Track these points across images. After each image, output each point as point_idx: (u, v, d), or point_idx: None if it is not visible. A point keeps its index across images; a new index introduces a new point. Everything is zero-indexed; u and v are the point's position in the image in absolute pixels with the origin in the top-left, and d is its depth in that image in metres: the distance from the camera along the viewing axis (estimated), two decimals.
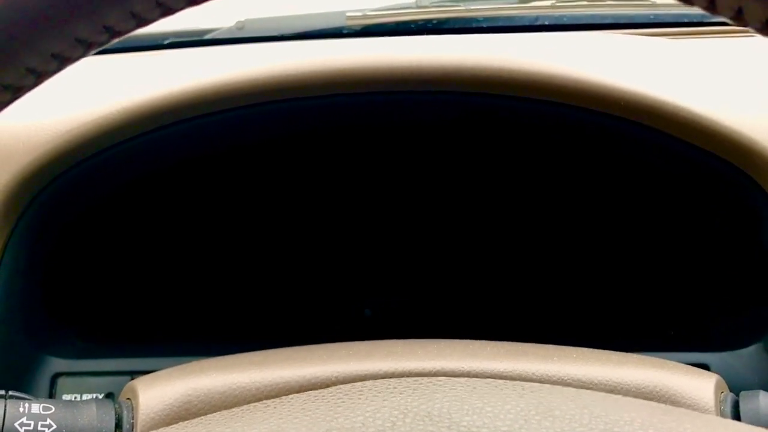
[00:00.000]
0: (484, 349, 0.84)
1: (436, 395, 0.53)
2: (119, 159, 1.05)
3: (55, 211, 1.07)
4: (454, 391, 0.54)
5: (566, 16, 1.49)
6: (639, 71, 1.03)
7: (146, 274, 1.30)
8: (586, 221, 1.31)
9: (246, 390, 0.77)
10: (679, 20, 1.44)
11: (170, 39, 1.54)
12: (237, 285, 1.30)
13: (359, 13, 1.41)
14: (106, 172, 1.11)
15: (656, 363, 0.83)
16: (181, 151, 1.14)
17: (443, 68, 0.97)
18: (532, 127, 1.25)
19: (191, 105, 0.97)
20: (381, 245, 1.31)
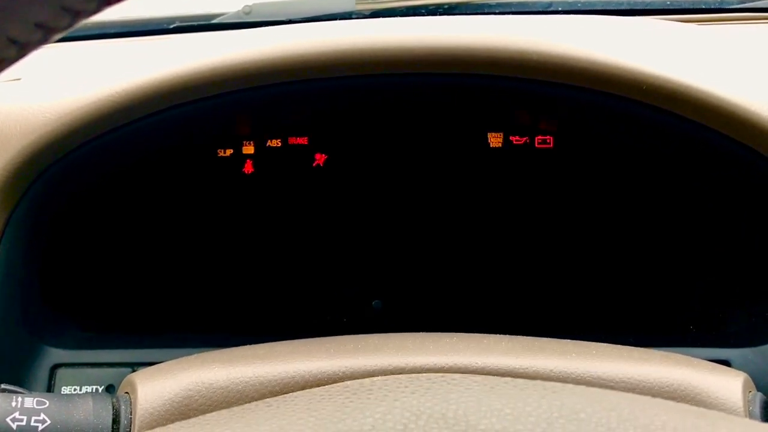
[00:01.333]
0: (499, 344, 0.80)
1: (452, 395, 0.50)
2: (119, 143, 1.02)
3: (52, 197, 1.04)
4: (470, 391, 0.50)
5: (580, 1, 1.45)
6: (656, 54, 0.98)
7: (147, 263, 1.26)
8: (604, 214, 1.26)
9: (249, 385, 0.74)
10: (695, 5, 1.40)
11: (176, 24, 1.50)
12: (242, 274, 1.27)
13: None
14: (105, 157, 1.07)
15: (680, 360, 0.79)
16: (180, 136, 1.10)
17: (458, 48, 0.93)
18: (548, 110, 1.21)
19: (190, 87, 0.93)
20: (389, 236, 1.27)
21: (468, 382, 0.53)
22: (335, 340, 0.84)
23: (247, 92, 1.02)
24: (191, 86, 0.97)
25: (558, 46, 0.93)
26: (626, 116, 1.08)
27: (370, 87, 1.13)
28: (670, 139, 1.08)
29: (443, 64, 0.97)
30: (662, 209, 1.25)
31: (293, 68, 1.00)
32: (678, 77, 0.93)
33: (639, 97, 0.96)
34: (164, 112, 1.01)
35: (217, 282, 1.27)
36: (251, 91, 1.03)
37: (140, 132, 1.04)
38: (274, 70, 1.00)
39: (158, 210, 1.27)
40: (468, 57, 0.94)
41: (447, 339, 0.83)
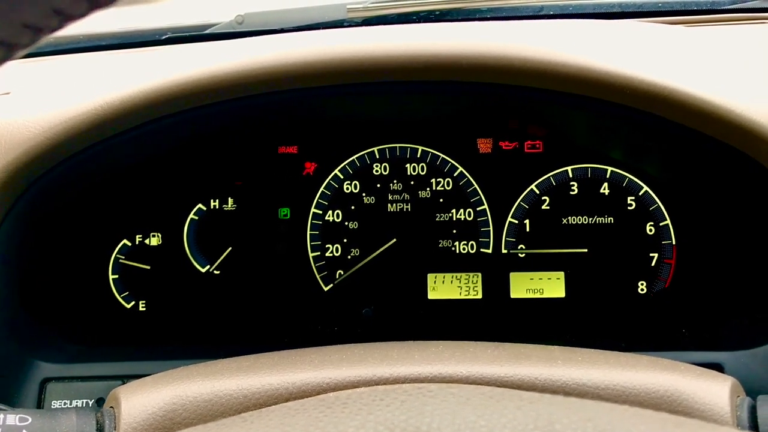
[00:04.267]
0: (485, 351, 0.80)
1: (427, 407, 0.49)
2: (105, 155, 1.02)
3: (39, 211, 1.04)
4: (446, 403, 0.50)
5: (571, 5, 1.44)
6: (640, 58, 0.98)
7: (136, 275, 1.26)
8: (596, 215, 1.26)
9: (233, 398, 0.74)
10: (688, 7, 1.39)
11: (168, 35, 1.50)
12: (233, 285, 1.26)
13: (360, 5, 1.37)
14: (93, 168, 1.07)
15: (668, 365, 0.79)
16: (169, 147, 1.10)
17: (441, 56, 0.92)
18: (537, 115, 1.20)
19: (179, 98, 0.93)
20: (380, 242, 1.26)
21: (444, 393, 0.53)
22: (321, 350, 0.84)
23: (235, 102, 1.02)
24: (180, 97, 0.96)
25: (541, 51, 0.93)
26: (614, 119, 1.08)
27: (358, 95, 1.12)
28: (660, 140, 1.08)
29: (426, 72, 0.97)
30: (654, 211, 1.25)
31: (284, 77, 0.99)
32: (658, 80, 0.92)
33: (623, 100, 0.96)
34: (155, 122, 1.00)
35: (207, 293, 1.27)
36: (240, 101, 1.03)
37: (127, 144, 1.04)
38: (265, 80, 0.99)
39: (146, 221, 1.27)
40: (452, 65, 0.94)
41: (434, 347, 0.82)
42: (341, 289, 1.27)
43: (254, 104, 1.05)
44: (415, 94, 1.12)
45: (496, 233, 1.27)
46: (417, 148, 1.28)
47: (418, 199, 1.28)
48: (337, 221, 1.28)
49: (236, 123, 1.17)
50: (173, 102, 0.93)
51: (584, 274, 1.26)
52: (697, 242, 1.24)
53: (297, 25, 1.39)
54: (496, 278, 1.27)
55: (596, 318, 1.25)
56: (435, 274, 1.27)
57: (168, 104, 0.94)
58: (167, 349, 1.20)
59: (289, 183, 1.27)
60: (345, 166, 1.28)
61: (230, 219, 1.27)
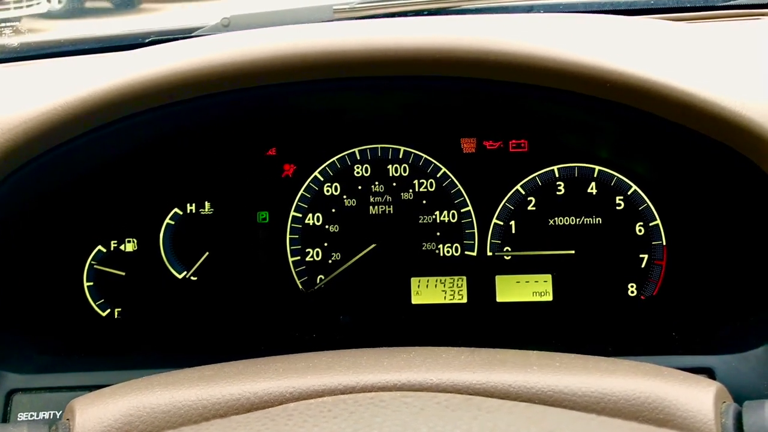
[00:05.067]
0: (458, 357, 0.76)
1: (377, 419, 0.46)
2: (71, 157, 0.98)
3: (7, 212, 1.01)
4: (398, 413, 0.46)
5: (562, 4, 1.41)
6: (624, 51, 0.95)
7: (104, 281, 1.23)
8: (582, 216, 1.22)
9: (192, 408, 0.70)
10: (680, 4, 1.36)
11: (152, 38, 1.47)
12: (207, 290, 1.22)
13: (347, 6, 1.34)
14: (61, 171, 1.04)
15: (649, 370, 0.75)
16: (131, 147, 1.06)
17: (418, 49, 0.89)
18: (521, 112, 1.17)
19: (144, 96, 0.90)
20: (359, 246, 1.23)
21: (398, 403, 0.49)
22: (287, 358, 0.81)
23: (208, 100, 0.98)
24: (143, 94, 0.93)
25: (522, 44, 0.89)
26: (601, 115, 1.04)
27: (337, 92, 1.09)
28: (649, 138, 1.04)
29: (405, 65, 0.93)
30: (643, 210, 1.21)
31: (254, 71, 0.95)
32: (643, 73, 0.89)
33: (608, 95, 0.92)
34: (121, 122, 0.97)
35: (184, 299, 1.23)
36: (213, 99, 0.99)
37: (95, 145, 1.01)
38: (233, 74, 0.95)
39: (122, 226, 1.23)
40: (428, 57, 0.91)
41: (405, 354, 0.79)
42: (322, 295, 1.24)
43: (229, 103, 1.02)
44: (396, 91, 1.09)
45: (481, 235, 1.23)
46: (399, 149, 1.25)
47: (401, 200, 1.24)
48: (317, 224, 1.24)
49: (211, 124, 1.14)
50: (136, 100, 0.90)
51: (572, 276, 1.22)
52: (688, 243, 1.20)
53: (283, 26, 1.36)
54: (482, 282, 1.23)
55: (585, 322, 1.21)
56: (418, 278, 1.24)
57: (131, 102, 0.90)
58: (143, 358, 1.17)
59: (267, 186, 1.24)
60: (325, 167, 1.24)
61: (207, 223, 1.24)
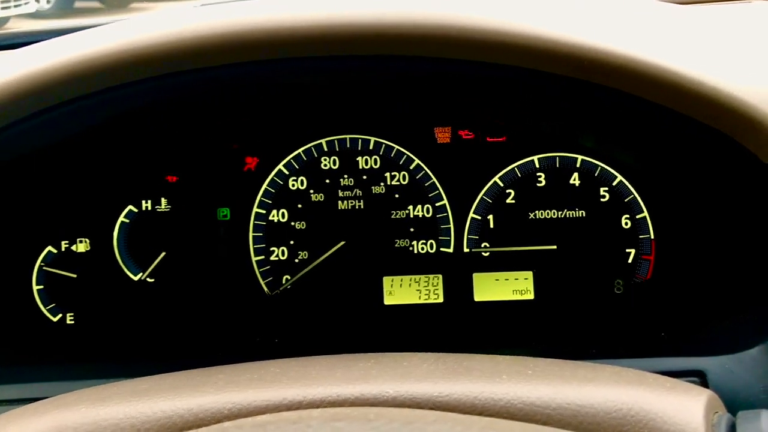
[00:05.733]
0: (421, 366, 0.69)
1: None
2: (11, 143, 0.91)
3: None
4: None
5: None
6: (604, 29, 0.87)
7: (61, 285, 1.15)
8: (564, 210, 1.15)
9: (119, 427, 0.63)
10: None
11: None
12: (163, 292, 1.14)
13: None
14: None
15: (633, 378, 0.68)
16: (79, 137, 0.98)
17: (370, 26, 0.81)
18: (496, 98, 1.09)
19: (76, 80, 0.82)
20: (324, 248, 1.15)
21: (348, 421, 0.42)
22: (233, 369, 0.73)
23: (160, 82, 0.90)
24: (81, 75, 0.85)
25: (484, 20, 0.82)
26: (583, 99, 0.97)
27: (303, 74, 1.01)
28: (636, 124, 0.97)
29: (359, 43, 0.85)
30: (629, 202, 1.14)
31: (202, 50, 0.87)
32: (626, 52, 0.81)
33: (587, 76, 0.84)
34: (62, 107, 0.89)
35: (140, 303, 1.15)
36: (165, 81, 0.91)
37: (34, 133, 0.93)
38: (181, 51, 0.86)
39: (72, 225, 1.15)
40: (388, 34, 0.83)
41: (363, 362, 0.71)
42: (288, 296, 1.16)
43: (185, 87, 0.94)
44: (362, 74, 1.01)
45: (458, 231, 1.16)
46: (369, 140, 1.17)
47: (372, 195, 1.16)
48: (282, 221, 1.17)
49: (166, 111, 1.06)
50: (76, 82, 0.82)
51: (554, 273, 1.15)
52: (677, 237, 1.13)
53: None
54: (459, 280, 1.16)
55: (568, 321, 1.14)
56: (391, 277, 1.16)
57: (71, 84, 0.82)
58: (96, 367, 1.09)
59: (228, 180, 1.16)
60: (290, 160, 1.17)
61: (164, 221, 1.16)
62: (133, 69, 0.81)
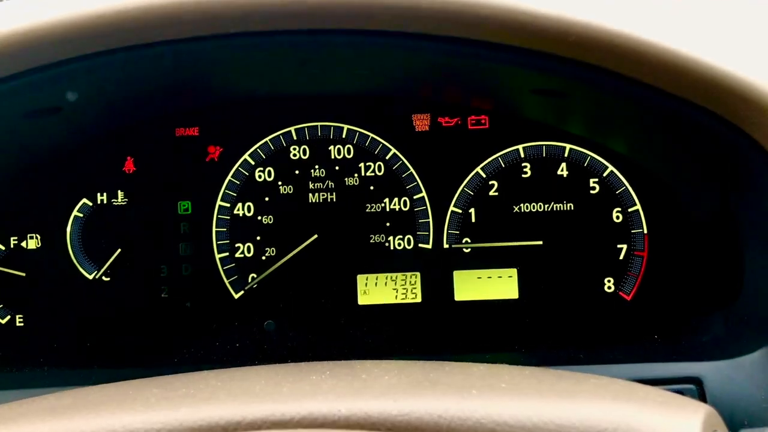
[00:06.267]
0: (381, 378, 0.61)
1: None
2: None
3: None
4: None
5: None
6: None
7: (9, 284, 1.05)
8: (549, 206, 1.07)
9: None
10: None
11: None
12: (125, 295, 1.06)
13: None
14: None
15: (621, 390, 0.60)
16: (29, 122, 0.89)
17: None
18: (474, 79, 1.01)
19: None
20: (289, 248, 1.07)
21: None
22: (171, 381, 0.65)
23: (109, 59, 0.81)
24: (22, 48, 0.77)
25: None
26: (572, 81, 0.89)
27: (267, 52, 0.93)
28: (628, 108, 0.89)
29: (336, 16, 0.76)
30: (621, 194, 1.06)
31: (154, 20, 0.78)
32: (619, 27, 0.73)
33: (575, 54, 0.76)
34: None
35: (94, 304, 1.07)
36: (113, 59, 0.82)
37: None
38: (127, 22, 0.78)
39: (22, 220, 1.07)
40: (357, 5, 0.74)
41: (316, 374, 0.63)
42: (254, 296, 1.08)
43: (139, 68, 0.85)
44: (335, 51, 0.92)
45: (437, 225, 1.08)
46: (342, 127, 1.09)
47: (344, 187, 1.09)
48: (248, 215, 1.09)
49: (120, 97, 0.97)
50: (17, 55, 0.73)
51: (540, 270, 1.07)
52: (672, 231, 1.06)
53: None
54: (438, 278, 1.08)
55: (554, 323, 1.06)
56: (366, 275, 1.08)
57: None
58: (46, 373, 1.01)
59: (189, 171, 1.08)
60: (256, 149, 1.08)
61: (120, 215, 1.08)
62: (72, 39, 0.73)
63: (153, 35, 0.74)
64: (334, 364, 0.68)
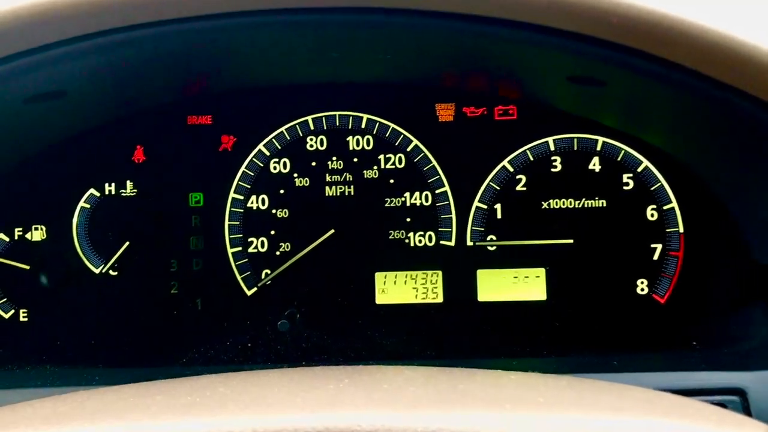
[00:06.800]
0: (405, 389, 0.56)
1: None
2: None
3: None
4: None
5: None
6: None
7: (14, 278, 1.01)
8: (583, 195, 1.02)
9: None
10: None
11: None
12: (133, 291, 1.01)
13: None
14: None
15: (670, 406, 0.54)
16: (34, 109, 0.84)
17: None
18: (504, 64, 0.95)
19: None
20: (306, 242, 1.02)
21: None
22: (177, 386, 0.61)
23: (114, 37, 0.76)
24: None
25: None
26: (608, 67, 0.82)
27: (280, 42, 0.88)
28: (668, 96, 0.82)
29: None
30: (656, 191, 1.00)
31: None
32: (661, 8, 0.67)
33: (613, 37, 0.71)
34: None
35: (101, 299, 1.02)
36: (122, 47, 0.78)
37: None
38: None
39: (27, 210, 1.02)
40: None
41: (333, 381, 0.59)
42: (268, 294, 1.03)
43: (149, 49, 0.80)
44: (356, 39, 0.87)
45: (460, 222, 1.03)
46: (361, 117, 1.04)
47: (363, 180, 1.04)
48: (262, 209, 1.04)
49: (129, 81, 0.92)
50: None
51: (569, 271, 1.02)
52: (709, 230, 1.00)
53: None
54: (461, 277, 1.03)
55: (584, 327, 1.01)
56: (384, 272, 1.03)
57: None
58: (48, 372, 0.97)
59: (201, 161, 1.03)
60: (271, 139, 1.04)
61: (129, 207, 1.04)
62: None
63: (163, 11, 0.69)
64: (352, 369, 0.62)
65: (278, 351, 0.98)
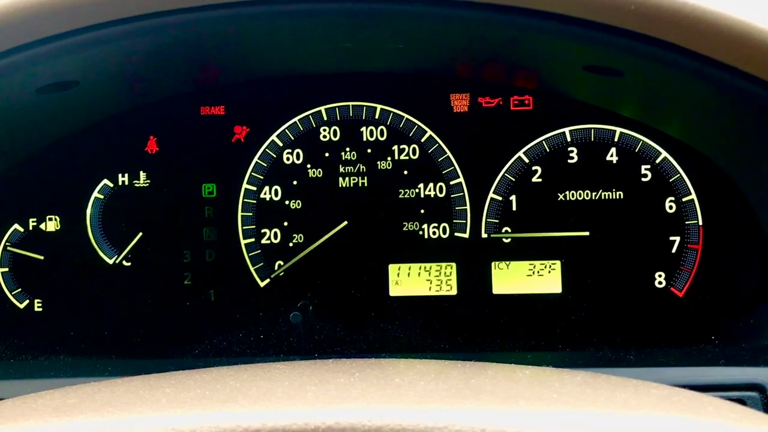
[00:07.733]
0: (416, 384, 0.55)
1: None
2: None
3: None
4: None
5: None
6: None
7: (28, 268, 1.01)
8: (600, 186, 1.00)
9: None
10: None
11: None
12: (146, 281, 1.01)
13: None
14: None
15: (689, 403, 0.53)
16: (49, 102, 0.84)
17: None
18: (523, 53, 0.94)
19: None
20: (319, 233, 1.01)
21: None
22: (186, 379, 0.60)
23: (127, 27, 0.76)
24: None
25: None
26: (626, 56, 0.81)
27: (294, 32, 0.87)
28: (687, 87, 0.81)
29: None
30: (674, 183, 0.98)
31: None
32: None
33: (630, 24, 0.69)
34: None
35: (115, 289, 1.02)
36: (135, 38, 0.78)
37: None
38: None
39: (42, 201, 1.02)
40: None
41: (343, 375, 0.58)
42: (281, 285, 1.03)
43: (162, 39, 0.80)
44: (369, 28, 0.86)
45: (475, 213, 1.02)
46: (374, 107, 1.03)
47: (377, 171, 1.03)
48: (275, 200, 1.03)
49: (142, 72, 0.92)
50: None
51: (586, 263, 1.00)
52: (729, 222, 0.98)
53: None
54: (475, 269, 1.02)
55: (600, 320, 0.99)
56: (398, 264, 1.02)
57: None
58: (65, 361, 0.97)
59: (214, 152, 1.03)
60: (284, 130, 1.03)
61: (142, 198, 1.03)
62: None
63: (175, 1, 0.68)
64: (364, 362, 0.62)
65: (291, 343, 0.98)
